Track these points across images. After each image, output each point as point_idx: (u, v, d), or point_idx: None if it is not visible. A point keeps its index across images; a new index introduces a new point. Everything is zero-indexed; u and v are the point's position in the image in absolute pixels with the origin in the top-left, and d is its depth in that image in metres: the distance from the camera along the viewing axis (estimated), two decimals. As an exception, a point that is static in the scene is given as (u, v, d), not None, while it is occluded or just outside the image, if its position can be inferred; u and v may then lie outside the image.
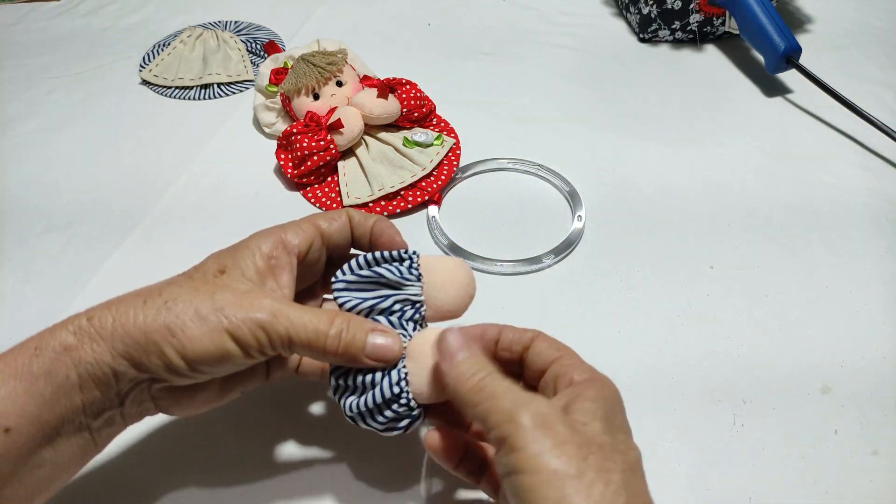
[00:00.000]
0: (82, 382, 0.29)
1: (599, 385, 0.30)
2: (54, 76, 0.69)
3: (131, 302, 0.30)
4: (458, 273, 0.35)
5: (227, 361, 0.30)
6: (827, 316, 0.46)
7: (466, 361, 0.30)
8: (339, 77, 0.57)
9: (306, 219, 0.35)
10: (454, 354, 0.31)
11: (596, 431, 0.28)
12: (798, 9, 0.75)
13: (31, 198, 0.56)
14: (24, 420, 0.28)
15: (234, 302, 0.30)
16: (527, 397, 0.28)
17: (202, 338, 0.29)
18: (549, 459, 0.26)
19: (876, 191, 0.55)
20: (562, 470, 0.26)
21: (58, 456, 0.30)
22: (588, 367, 0.31)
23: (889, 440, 0.40)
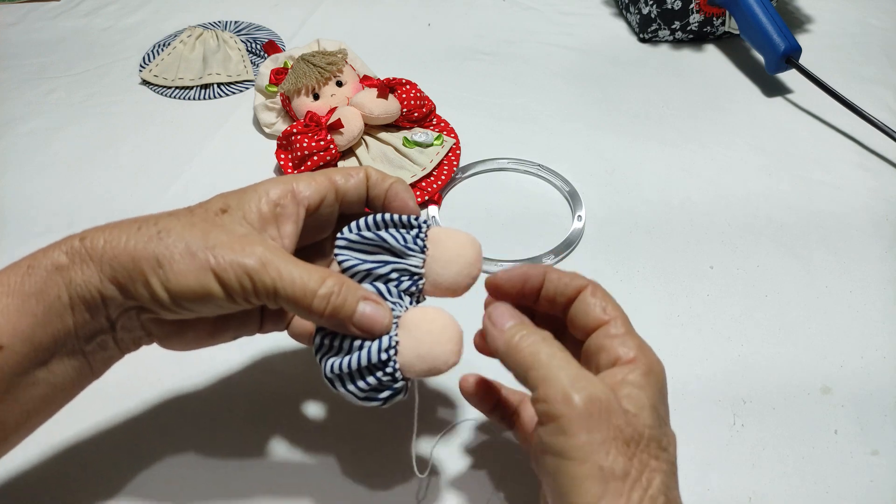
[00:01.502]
0: (73, 303, 0.29)
1: (646, 367, 0.28)
2: (54, 76, 0.69)
3: (126, 227, 0.30)
4: (465, 250, 0.33)
5: (209, 302, 0.29)
6: (827, 316, 0.46)
7: (516, 326, 0.30)
8: (339, 77, 0.57)
9: (322, 171, 0.34)
10: (504, 321, 0.30)
11: (645, 424, 0.27)
12: (798, 9, 0.75)
13: (31, 198, 0.56)
14: (17, 339, 0.28)
15: (226, 243, 0.30)
16: (585, 376, 0.27)
17: (187, 273, 0.29)
18: (597, 452, 0.25)
19: (876, 191, 0.55)
20: (608, 467, 0.25)
21: (52, 377, 0.30)
22: (636, 342, 0.29)
23: (889, 440, 0.40)
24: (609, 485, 0.25)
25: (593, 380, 0.27)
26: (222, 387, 0.42)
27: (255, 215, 0.31)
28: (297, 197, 0.32)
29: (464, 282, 0.33)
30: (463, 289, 0.33)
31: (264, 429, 0.40)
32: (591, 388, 0.26)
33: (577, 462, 0.25)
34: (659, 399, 0.28)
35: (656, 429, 0.27)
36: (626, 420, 0.26)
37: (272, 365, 0.43)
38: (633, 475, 0.25)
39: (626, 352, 0.29)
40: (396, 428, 0.39)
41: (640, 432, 0.26)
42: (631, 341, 0.29)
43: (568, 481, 0.26)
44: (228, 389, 0.42)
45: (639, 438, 0.26)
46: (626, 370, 0.28)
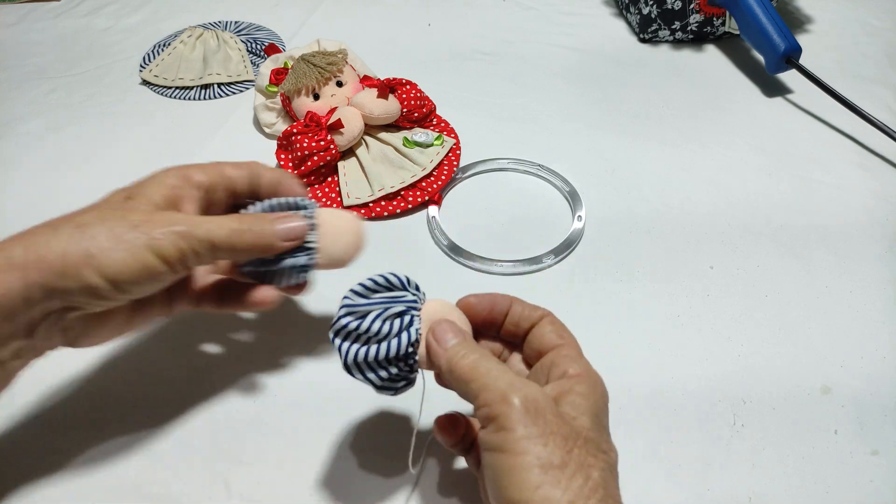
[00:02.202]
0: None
1: (591, 382, 0.30)
2: (54, 76, 0.69)
3: (40, 232, 0.31)
4: (350, 226, 0.38)
5: (151, 278, 0.31)
6: (827, 316, 0.46)
7: (459, 344, 0.31)
8: (339, 77, 0.57)
9: (213, 162, 0.37)
10: (447, 339, 0.32)
11: (584, 426, 0.28)
12: (798, 9, 0.76)
13: (31, 198, 0.56)
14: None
15: (148, 220, 0.31)
16: (521, 381, 0.29)
17: (124, 256, 0.30)
18: (535, 445, 0.26)
19: (876, 191, 0.55)
20: (545, 458, 0.26)
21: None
22: (584, 363, 0.32)
23: (889, 440, 0.40)
24: (547, 474, 0.26)
25: (529, 384, 0.29)
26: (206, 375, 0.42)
27: (160, 197, 0.33)
28: (191, 181, 0.35)
29: (351, 253, 0.38)
30: (349, 260, 0.38)
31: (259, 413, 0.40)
32: (527, 389, 0.28)
33: (515, 454, 0.27)
34: (601, 411, 0.30)
35: (594, 432, 0.28)
36: (563, 420, 0.28)
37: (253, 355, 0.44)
38: (572, 467, 0.26)
39: (575, 368, 0.31)
40: (394, 421, 0.39)
41: (578, 432, 0.28)
42: (580, 361, 0.32)
43: (507, 474, 0.27)
44: (213, 375, 0.42)
45: (576, 437, 0.27)
46: (572, 381, 0.30)
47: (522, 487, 0.26)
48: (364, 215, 0.53)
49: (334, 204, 0.54)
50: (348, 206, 0.54)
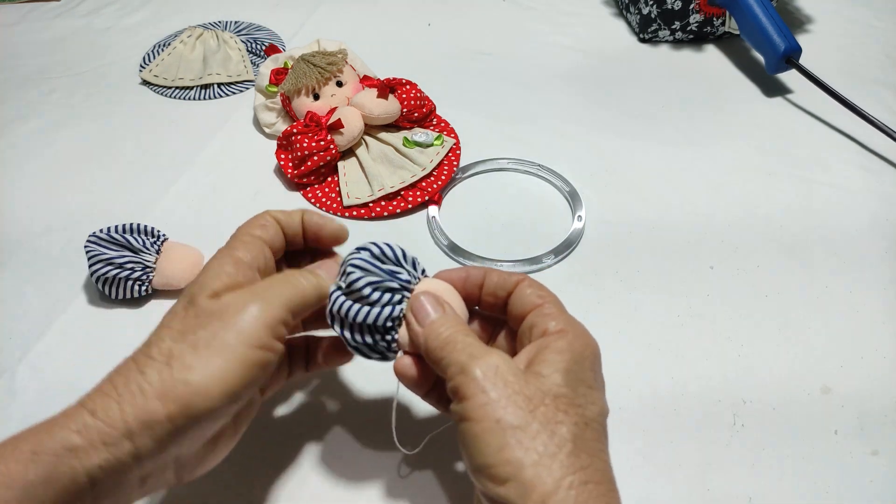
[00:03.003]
0: (94, 482, 0.26)
1: (571, 337, 0.30)
2: (54, 76, 0.69)
3: (131, 379, 0.28)
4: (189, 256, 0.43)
5: (252, 379, 0.29)
6: (827, 316, 0.46)
7: (438, 320, 0.31)
8: (339, 77, 0.57)
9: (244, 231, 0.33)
10: (428, 314, 0.31)
11: (554, 383, 0.28)
12: (798, 9, 0.75)
13: (31, 198, 0.56)
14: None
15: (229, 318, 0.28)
16: (482, 350, 0.29)
17: (226, 366, 0.28)
18: (494, 409, 0.27)
19: (876, 191, 0.55)
20: (505, 420, 0.27)
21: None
22: (566, 318, 0.31)
23: (889, 440, 0.40)
24: (507, 435, 0.26)
25: (492, 351, 0.29)
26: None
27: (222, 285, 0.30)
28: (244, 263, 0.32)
29: None
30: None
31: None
32: (487, 357, 0.29)
33: (476, 421, 0.27)
34: (578, 364, 0.29)
35: (566, 387, 0.28)
36: (527, 381, 0.28)
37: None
38: (536, 427, 0.26)
39: (554, 325, 0.30)
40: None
41: (546, 390, 0.28)
42: (561, 318, 0.31)
43: (472, 441, 0.27)
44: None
45: (542, 395, 0.27)
46: (550, 339, 0.30)
47: (485, 452, 0.27)
48: (364, 215, 0.53)
49: (335, 204, 0.54)
50: (348, 206, 0.54)
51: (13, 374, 0.44)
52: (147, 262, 0.46)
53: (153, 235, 0.48)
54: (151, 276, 0.46)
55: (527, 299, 0.32)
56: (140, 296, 0.47)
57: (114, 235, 0.46)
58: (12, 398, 0.42)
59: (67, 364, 0.44)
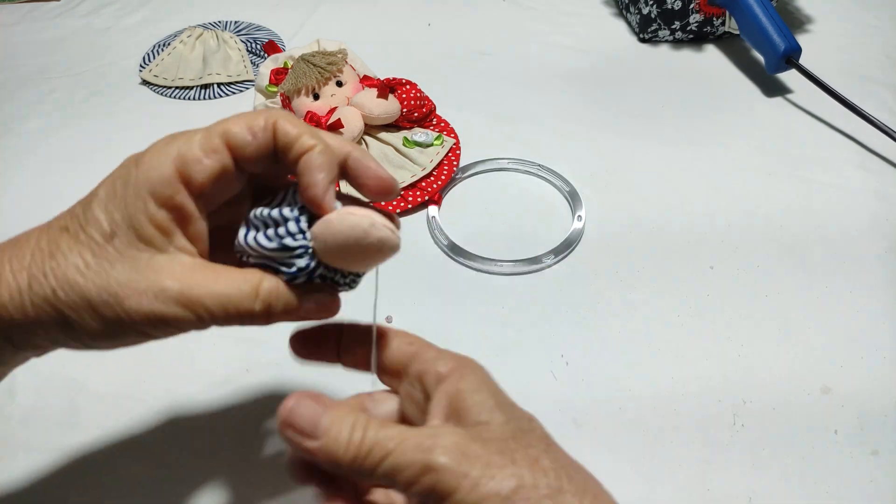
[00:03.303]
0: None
1: (469, 371, 0.27)
2: (54, 76, 0.68)
3: (14, 284, 0.27)
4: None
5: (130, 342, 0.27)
6: (827, 316, 0.46)
7: (332, 425, 0.25)
8: (339, 77, 0.57)
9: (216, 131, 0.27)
10: (316, 423, 0.25)
11: (501, 422, 0.26)
12: (798, 9, 0.75)
13: (31, 198, 0.56)
14: None
15: (131, 287, 0.25)
16: (425, 434, 0.25)
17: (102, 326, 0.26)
18: (486, 485, 0.24)
19: (876, 191, 0.55)
20: (503, 487, 0.24)
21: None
22: (448, 354, 0.28)
23: (889, 440, 0.40)
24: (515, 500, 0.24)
25: (435, 431, 0.25)
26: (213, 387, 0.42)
27: (150, 231, 0.26)
28: (190, 187, 0.27)
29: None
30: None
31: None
32: (439, 439, 0.25)
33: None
34: (496, 393, 0.27)
35: (512, 421, 0.26)
36: (484, 437, 0.25)
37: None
38: (528, 475, 0.24)
39: (444, 365, 0.28)
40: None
41: (503, 435, 0.25)
42: (443, 355, 0.28)
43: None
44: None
45: (507, 441, 0.25)
46: (454, 381, 0.27)
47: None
48: (364, 215, 0.53)
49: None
50: (348, 206, 0.54)
51: (13, 374, 0.43)
52: None
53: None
54: None
55: (398, 352, 0.29)
56: None
57: None
58: (12, 398, 0.42)
59: (67, 364, 0.44)
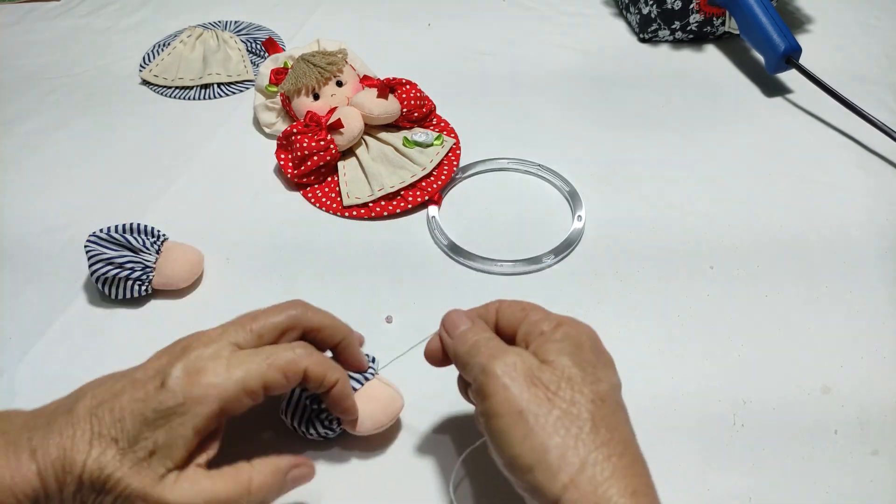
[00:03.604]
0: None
1: (566, 327, 0.32)
2: (54, 76, 0.68)
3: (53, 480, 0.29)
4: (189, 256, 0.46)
5: None
6: (827, 316, 0.46)
7: (467, 331, 0.33)
8: (339, 77, 0.57)
9: (257, 375, 0.32)
10: (458, 326, 0.33)
11: (564, 366, 0.30)
12: (798, 9, 0.75)
13: (31, 198, 0.56)
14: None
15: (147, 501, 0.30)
16: (501, 350, 0.31)
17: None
18: (517, 402, 0.28)
19: (876, 191, 0.55)
20: (527, 410, 0.28)
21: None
22: (556, 316, 0.33)
23: (889, 440, 0.40)
24: (530, 424, 0.28)
25: (510, 350, 0.31)
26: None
27: (183, 456, 0.31)
28: (227, 414, 0.32)
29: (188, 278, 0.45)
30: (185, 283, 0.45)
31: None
32: (506, 355, 0.30)
33: (500, 416, 0.29)
34: (580, 347, 0.31)
35: (576, 368, 0.30)
36: (541, 371, 0.30)
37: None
38: (556, 413, 0.28)
39: (548, 324, 0.32)
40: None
41: (559, 376, 0.30)
42: (552, 316, 0.33)
43: (499, 435, 0.29)
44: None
45: (557, 381, 0.29)
46: (549, 334, 0.32)
47: (512, 443, 0.28)
48: (364, 215, 0.53)
49: (335, 204, 0.54)
50: (348, 205, 0.54)
51: (13, 374, 0.44)
52: (147, 261, 0.46)
53: (153, 235, 0.48)
54: (151, 276, 0.46)
55: (510, 316, 0.34)
56: (140, 295, 0.47)
57: (114, 235, 0.46)
58: (12, 398, 0.42)
59: (67, 364, 0.44)
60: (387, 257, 0.50)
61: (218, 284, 0.49)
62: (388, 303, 0.47)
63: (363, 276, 0.49)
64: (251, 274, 0.50)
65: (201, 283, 0.49)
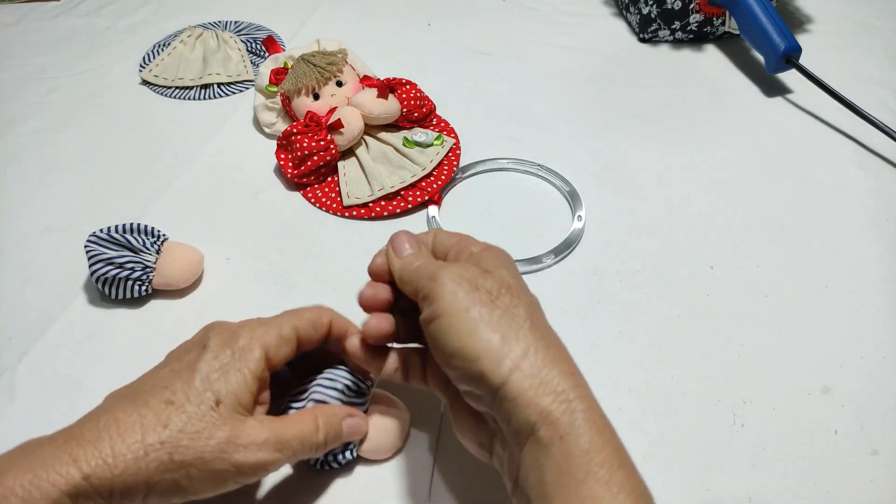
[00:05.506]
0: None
1: (496, 250, 0.35)
2: (54, 76, 0.69)
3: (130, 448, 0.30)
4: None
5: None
6: (827, 316, 0.46)
7: (413, 256, 0.35)
8: (339, 77, 0.57)
9: (290, 324, 0.36)
10: (405, 248, 0.35)
11: (503, 276, 0.32)
12: (798, 9, 0.76)
13: (31, 198, 0.56)
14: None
15: (238, 444, 0.31)
16: (448, 264, 0.33)
17: (208, 484, 0.31)
18: (461, 300, 0.30)
19: (876, 191, 0.55)
20: (473, 309, 0.30)
21: None
22: (483, 243, 0.35)
23: (889, 440, 0.40)
24: (476, 321, 0.30)
25: (456, 264, 0.33)
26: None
27: (248, 399, 0.33)
28: (271, 365, 0.34)
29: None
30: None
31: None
32: (453, 267, 0.32)
33: (447, 315, 0.30)
34: (510, 265, 0.34)
35: (511, 279, 0.33)
36: (483, 276, 0.32)
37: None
38: (499, 312, 0.31)
39: (477, 247, 0.35)
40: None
41: (500, 282, 0.32)
42: (479, 243, 0.35)
43: (444, 333, 0.30)
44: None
45: (499, 287, 0.32)
46: (480, 254, 0.34)
47: (458, 337, 0.30)
48: (364, 215, 0.53)
49: (335, 204, 0.54)
50: (348, 205, 0.54)
51: (13, 374, 0.44)
52: (147, 262, 0.46)
53: (153, 235, 0.48)
54: (151, 276, 0.46)
55: (444, 241, 0.36)
56: (140, 296, 0.47)
57: (114, 235, 0.46)
58: (12, 398, 0.42)
59: (67, 364, 0.44)
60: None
61: (218, 284, 0.49)
62: (388, 303, 0.47)
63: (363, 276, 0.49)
64: (251, 274, 0.50)
65: (201, 283, 0.49)
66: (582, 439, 0.28)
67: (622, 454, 0.28)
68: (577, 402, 0.29)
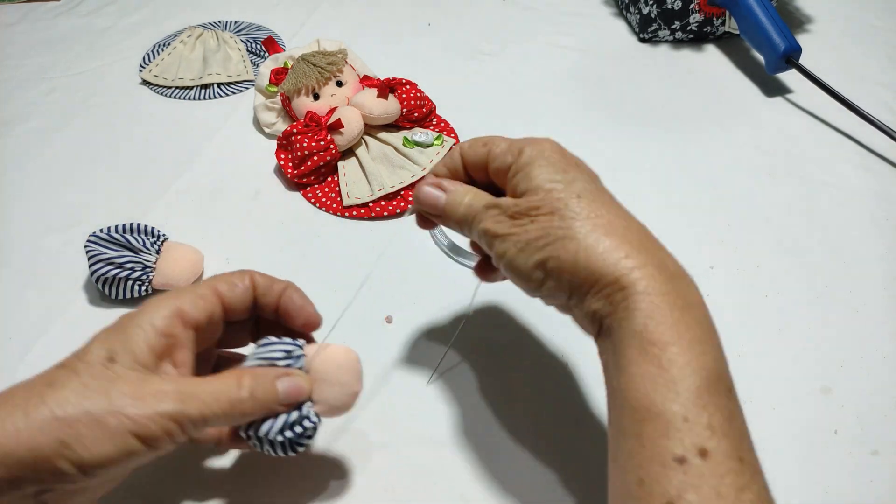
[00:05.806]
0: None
1: (529, 150, 0.34)
2: (54, 76, 0.69)
3: (8, 414, 0.27)
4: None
5: (131, 460, 0.28)
6: (827, 316, 0.46)
7: (449, 196, 0.34)
8: (339, 77, 0.57)
9: (206, 284, 0.33)
10: (438, 200, 0.34)
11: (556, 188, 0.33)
12: (798, 9, 0.75)
13: (31, 198, 0.56)
14: None
15: (132, 397, 0.28)
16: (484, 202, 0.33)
17: (103, 443, 0.27)
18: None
19: (876, 191, 0.55)
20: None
21: None
22: (517, 142, 0.34)
23: (889, 440, 0.40)
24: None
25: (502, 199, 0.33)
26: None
27: (147, 354, 0.30)
28: (184, 320, 0.31)
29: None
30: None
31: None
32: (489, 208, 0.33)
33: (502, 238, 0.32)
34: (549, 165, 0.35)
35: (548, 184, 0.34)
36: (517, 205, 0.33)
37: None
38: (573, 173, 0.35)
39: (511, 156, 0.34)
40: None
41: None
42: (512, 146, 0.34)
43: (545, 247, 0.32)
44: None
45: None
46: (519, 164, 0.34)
47: (568, 249, 0.33)
48: (364, 215, 0.53)
49: (335, 204, 0.54)
50: (348, 205, 0.54)
51: (13, 374, 0.44)
52: (147, 262, 0.46)
53: (153, 235, 0.48)
54: (151, 276, 0.46)
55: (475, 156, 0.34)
56: (140, 296, 0.47)
57: (114, 235, 0.46)
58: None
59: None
60: (387, 257, 0.50)
61: (218, 284, 0.49)
62: (388, 303, 0.47)
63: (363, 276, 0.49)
64: (251, 274, 0.50)
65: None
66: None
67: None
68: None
